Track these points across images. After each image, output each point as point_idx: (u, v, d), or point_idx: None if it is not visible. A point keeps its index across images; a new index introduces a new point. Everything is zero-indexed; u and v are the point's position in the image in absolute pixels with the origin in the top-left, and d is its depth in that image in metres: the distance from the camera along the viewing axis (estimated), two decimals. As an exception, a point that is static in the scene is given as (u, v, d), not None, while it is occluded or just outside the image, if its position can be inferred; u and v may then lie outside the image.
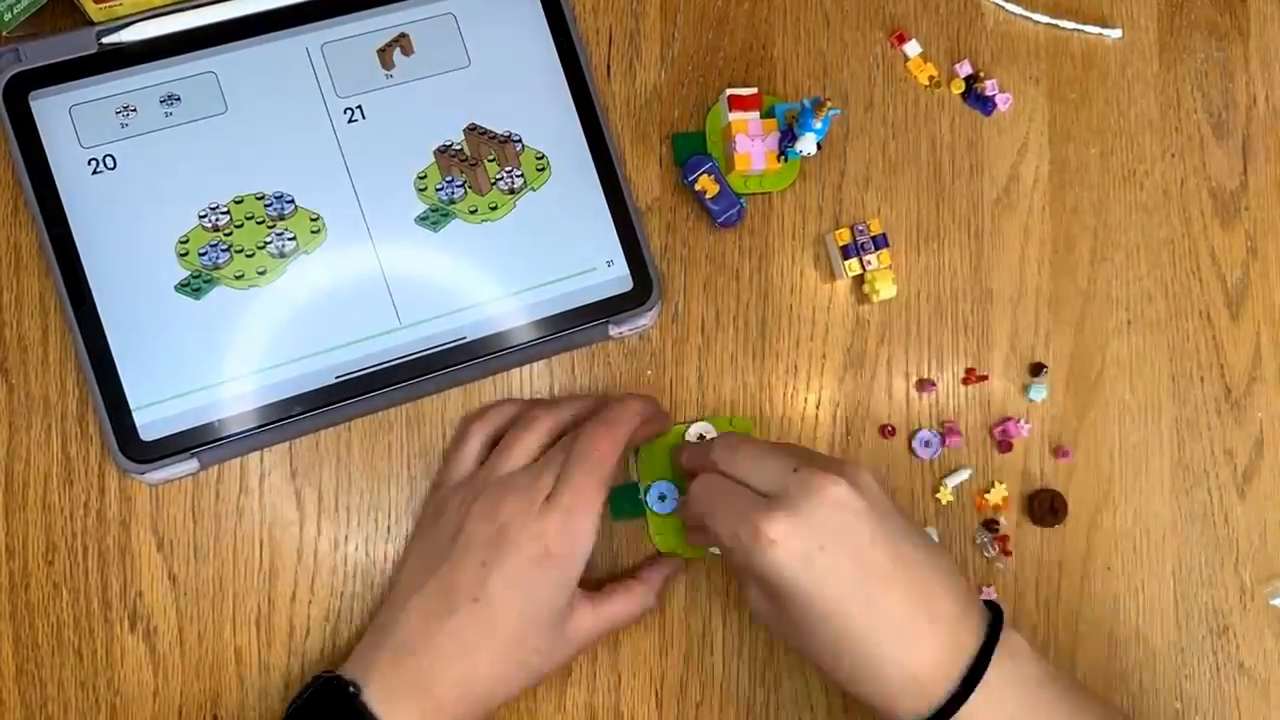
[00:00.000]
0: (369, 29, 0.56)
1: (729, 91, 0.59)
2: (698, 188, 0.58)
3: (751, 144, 0.58)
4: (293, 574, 0.56)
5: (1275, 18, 0.67)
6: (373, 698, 0.48)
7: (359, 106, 0.56)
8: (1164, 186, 0.65)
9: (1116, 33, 0.65)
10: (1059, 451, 0.62)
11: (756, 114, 0.58)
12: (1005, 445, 0.61)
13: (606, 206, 0.58)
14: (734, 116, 0.58)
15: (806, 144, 0.57)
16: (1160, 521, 0.63)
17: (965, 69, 0.63)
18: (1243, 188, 0.66)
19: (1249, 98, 0.67)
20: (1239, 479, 0.65)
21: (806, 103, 0.56)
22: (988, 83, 0.63)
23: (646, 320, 0.58)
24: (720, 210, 0.58)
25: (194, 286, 0.54)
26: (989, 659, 0.45)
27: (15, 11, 0.51)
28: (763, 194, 0.61)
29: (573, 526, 0.49)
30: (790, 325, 0.61)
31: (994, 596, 0.61)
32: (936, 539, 0.60)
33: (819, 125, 0.56)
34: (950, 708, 0.44)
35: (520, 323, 0.56)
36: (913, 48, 0.63)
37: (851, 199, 0.62)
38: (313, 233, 0.54)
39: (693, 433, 0.58)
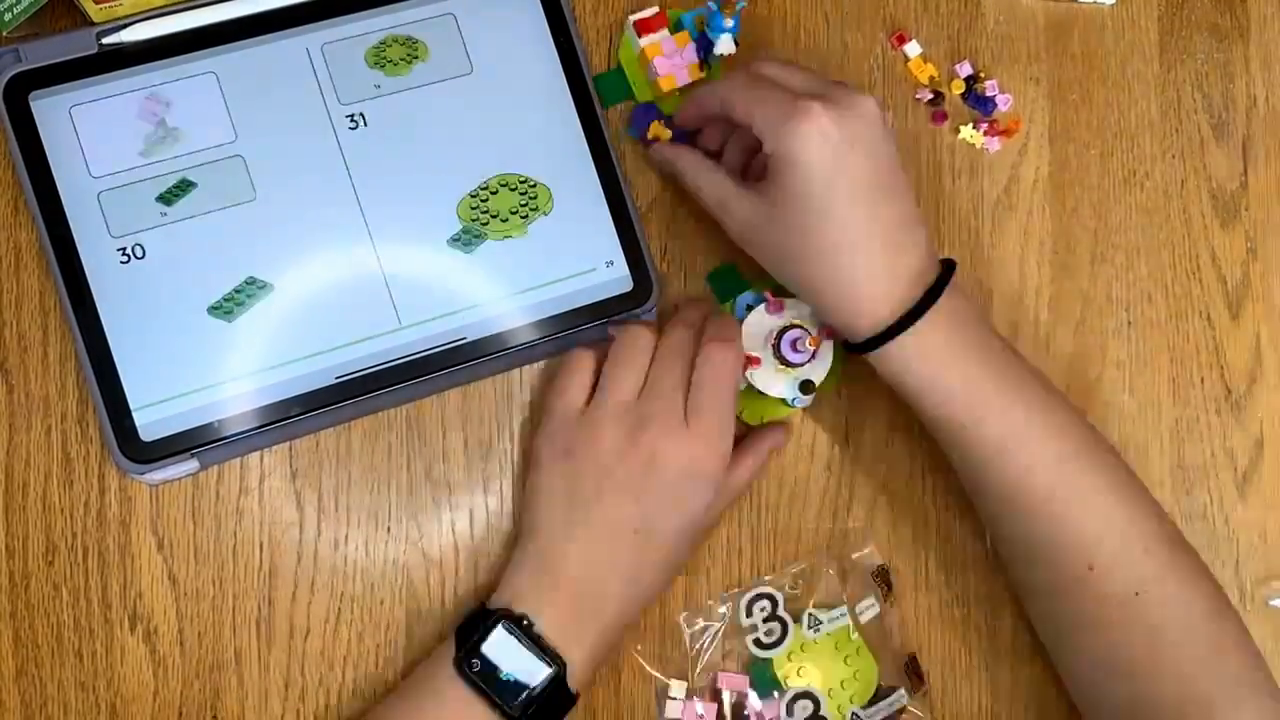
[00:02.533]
0: (369, 29, 0.56)
1: (632, 18, 0.58)
2: (650, 135, 0.58)
3: (671, 62, 0.57)
4: (293, 574, 0.56)
5: (1275, 18, 0.67)
6: (547, 631, 0.50)
7: (360, 113, 0.56)
8: (1164, 187, 0.65)
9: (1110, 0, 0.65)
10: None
11: (666, 31, 0.58)
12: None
13: (606, 207, 0.58)
14: (645, 41, 0.58)
15: (725, 45, 0.56)
16: (1160, 522, 0.63)
17: (965, 69, 0.63)
18: (1243, 188, 0.66)
19: (1249, 98, 0.67)
20: (1239, 479, 0.65)
21: (712, 4, 0.56)
22: (988, 83, 0.63)
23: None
24: None
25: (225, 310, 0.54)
26: (940, 292, 0.50)
27: (15, 12, 0.51)
28: None
29: (719, 447, 0.52)
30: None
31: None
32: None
33: (730, 23, 0.55)
34: (898, 327, 0.50)
35: (520, 323, 0.56)
36: (913, 48, 0.63)
37: (852, 199, 0.62)
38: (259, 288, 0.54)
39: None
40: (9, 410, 0.54)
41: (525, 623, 0.50)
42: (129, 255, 0.53)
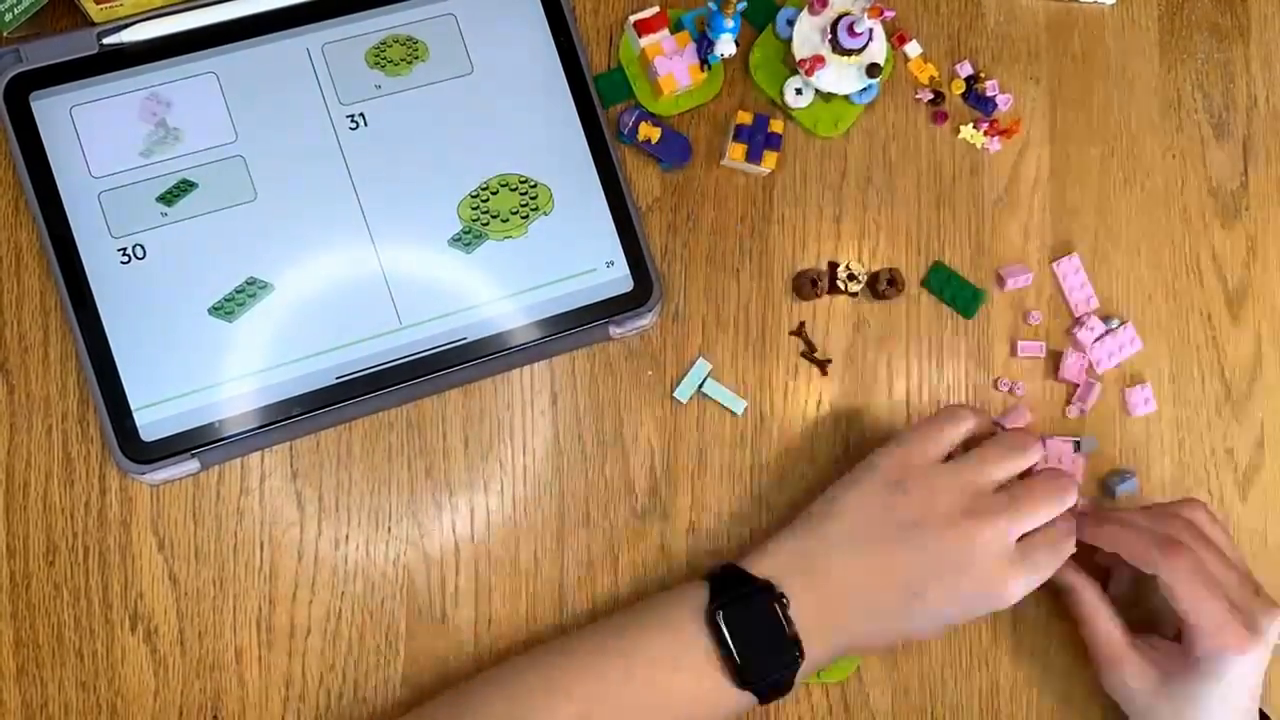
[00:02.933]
0: (369, 29, 0.56)
1: (633, 18, 0.58)
2: (640, 138, 0.58)
3: (671, 63, 0.58)
4: (293, 574, 0.56)
5: (1275, 18, 0.67)
6: (798, 621, 0.51)
7: (360, 113, 0.56)
8: (1164, 187, 0.65)
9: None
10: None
11: (666, 31, 0.58)
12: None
13: (607, 207, 0.58)
14: (645, 41, 0.58)
15: (725, 45, 0.56)
16: (1160, 522, 0.63)
17: (965, 69, 0.63)
18: (1243, 188, 0.66)
19: (1249, 98, 0.67)
20: (1239, 479, 0.65)
21: (712, 4, 0.56)
22: (988, 83, 0.63)
23: (647, 320, 0.58)
24: (667, 154, 0.58)
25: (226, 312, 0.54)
26: None
27: (16, 12, 0.51)
28: (693, 110, 0.60)
29: (1031, 587, 0.52)
30: (790, 325, 0.61)
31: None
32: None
33: (731, 23, 0.56)
34: None
35: (521, 323, 0.56)
36: (913, 48, 0.63)
37: (852, 199, 0.62)
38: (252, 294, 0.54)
39: None
40: (10, 410, 0.54)
41: (785, 603, 0.51)
42: (129, 255, 0.53)
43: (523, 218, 0.57)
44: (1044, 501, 0.53)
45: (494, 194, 0.57)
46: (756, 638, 0.50)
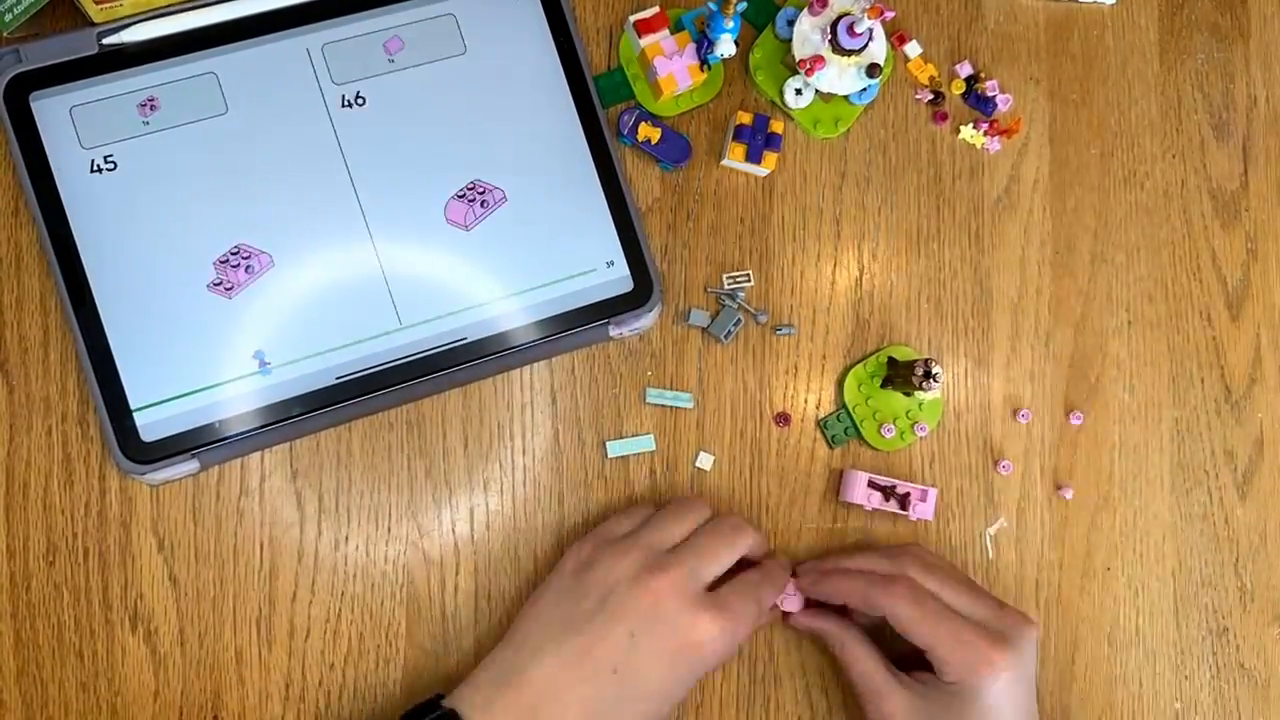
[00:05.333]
0: (370, 29, 0.56)
1: (633, 18, 0.58)
2: (640, 138, 0.58)
3: (671, 63, 0.58)
4: (293, 574, 0.56)
5: (1275, 18, 0.67)
6: None
7: (363, 112, 0.56)
8: (1164, 187, 0.65)
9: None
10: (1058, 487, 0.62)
11: (666, 32, 0.58)
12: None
13: (607, 207, 0.58)
14: (645, 41, 0.58)
15: (725, 46, 0.56)
16: (1160, 522, 0.63)
17: (965, 69, 0.63)
18: (1243, 189, 0.66)
19: (1249, 98, 0.67)
20: (1239, 479, 0.65)
21: (712, 5, 0.56)
22: (988, 83, 0.63)
23: (647, 321, 0.58)
24: (667, 155, 0.58)
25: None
26: None
27: (16, 12, 0.51)
28: (693, 110, 0.60)
29: (731, 634, 0.51)
30: (790, 325, 0.61)
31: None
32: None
33: (731, 24, 0.56)
34: None
35: (521, 323, 0.56)
36: (913, 48, 0.63)
37: (852, 199, 0.62)
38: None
39: None
40: (9, 411, 0.54)
41: None
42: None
43: None
44: (722, 545, 0.53)
45: None
46: None
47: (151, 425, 0.53)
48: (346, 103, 0.56)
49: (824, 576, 0.56)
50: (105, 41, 0.54)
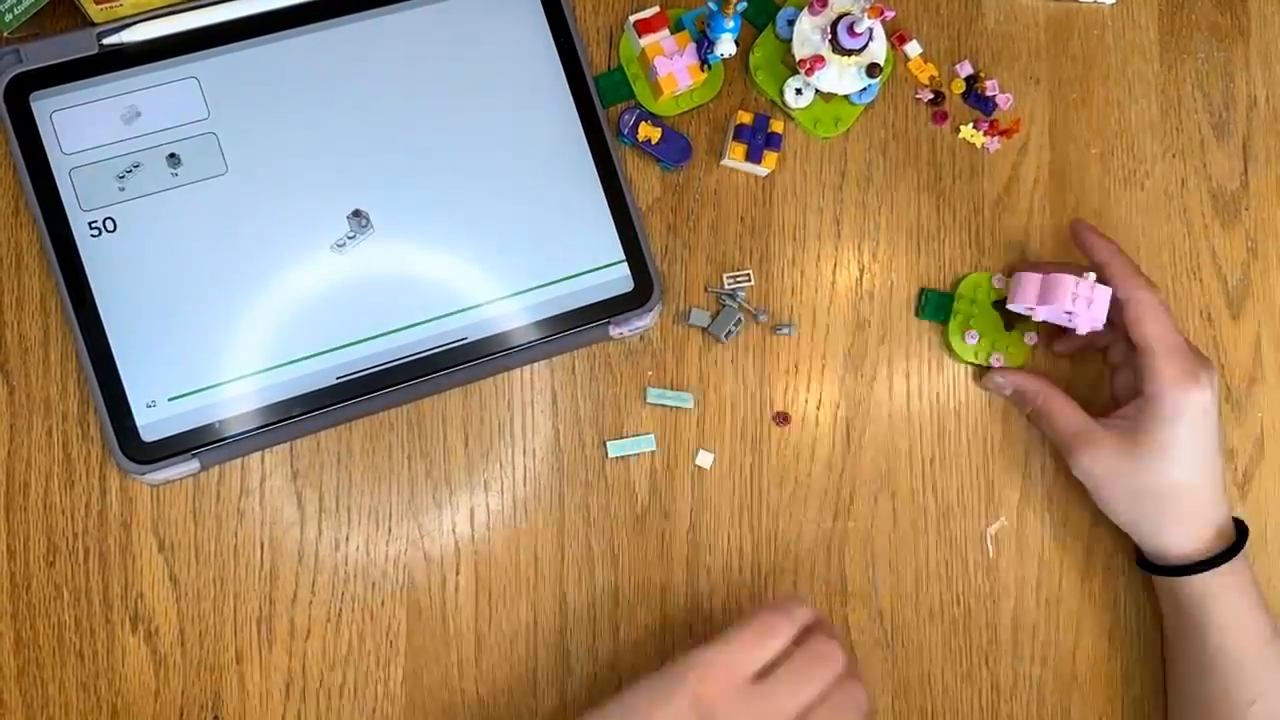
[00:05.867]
0: (370, 29, 0.56)
1: (633, 18, 0.58)
2: (640, 138, 0.58)
3: (671, 63, 0.58)
4: (294, 575, 0.56)
5: (1275, 18, 0.67)
6: None
7: (361, 107, 0.56)
8: (1164, 187, 0.65)
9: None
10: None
11: (666, 32, 0.58)
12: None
13: (607, 207, 0.58)
14: (645, 41, 0.58)
15: (725, 45, 0.56)
16: (1160, 521, 0.63)
17: (965, 69, 0.63)
18: (1243, 188, 0.66)
19: (1249, 98, 0.67)
20: (1239, 479, 0.65)
21: (712, 4, 0.56)
22: (988, 83, 0.63)
23: (647, 320, 0.58)
24: (667, 154, 0.58)
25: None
26: (1246, 540, 0.58)
27: (16, 12, 0.51)
28: (693, 110, 0.60)
29: None
30: (790, 325, 0.61)
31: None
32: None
33: (731, 23, 0.56)
34: (1218, 559, 0.57)
35: (521, 323, 0.56)
36: (913, 48, 0.63)
37: (852, 199, 0.62)
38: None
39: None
40: (10, 411, 0.54)
41: None
42: (100, 229, 0.53)
43: None
44: (818, 677, 0.50)
45: None
46: None
47: (152, 425, 0.53)
48: (348, 102, 0.56)
49: (1091, 232, 0.59)
50: (105, 41, 0.54)
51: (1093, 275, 0.56)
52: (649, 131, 0.58)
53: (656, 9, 0.58)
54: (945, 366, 0.62)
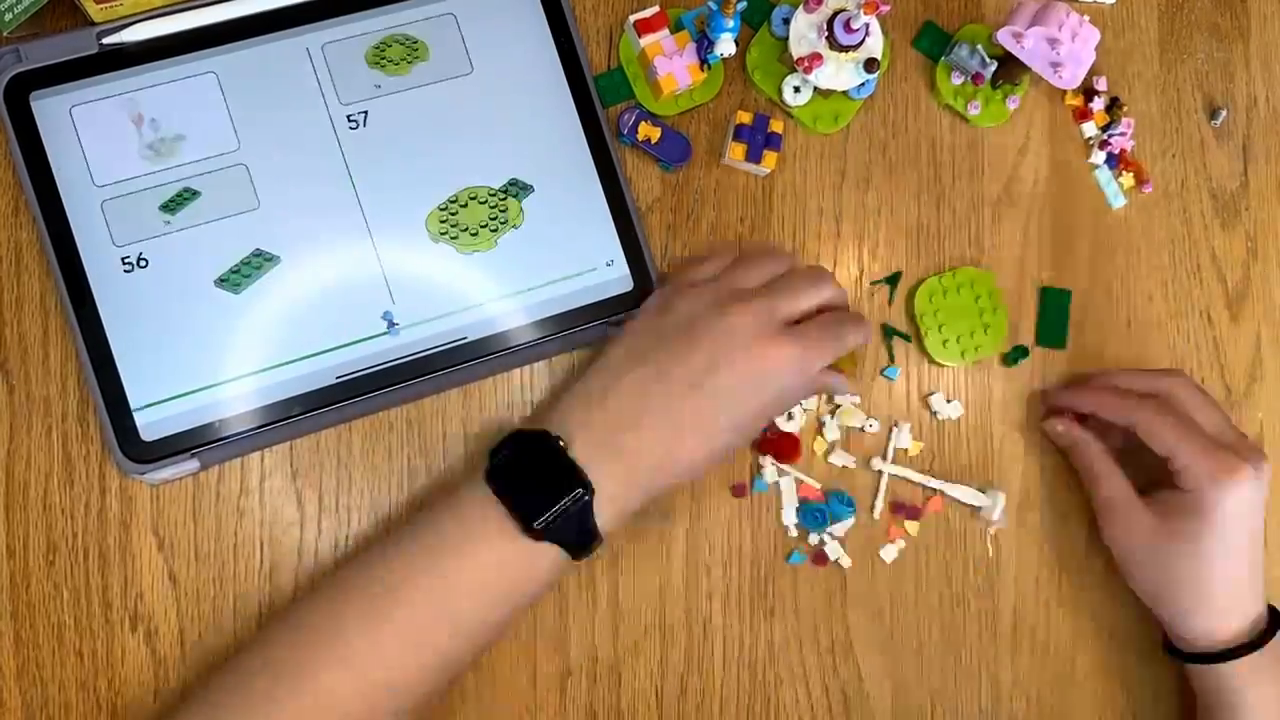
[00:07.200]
0: (370, 29, 0.56)
1: (633, 18, 0.58)
2: (640, 138, 0.58)
3: (671, 63, 0.58)
4: (293, 574, 0.56)
5: (1275, 18, 0.67)
6: (577, 454, 0.50)
7: (363, 112, 0.56)
8: (1164, 187, 0.65)
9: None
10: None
11: (666, 31, 0.58)
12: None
13: (607, 207, 0.58)
14: (645, 41, 0.58)
15: (725, 45, 0.57)
16: (1160, 521, 0.63)
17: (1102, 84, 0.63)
18: (1243, 188, 0.66)
19: (1249, 98, 0.67)
20: (1239, 479, 0.65)
21: (712, 4, 0.56)
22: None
23: (647, 320, 0.58)
24: (667, 154, 0.58)
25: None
26: (1277, 628, 0.57)
27: (16, 12, 0.51)
28: (693, 109, 0.60)
29: (805, 362, 0.52)
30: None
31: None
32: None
33: (730, 23, 0.56)
34: (1249, 647, 0.56)
35: (521, 323, 0.56)
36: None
37: (852, 199, 0.62)
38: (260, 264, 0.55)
39: None
40: (10, 410, 0.54)
41: (560, 443, 0.50)
42: (133, 265, 0.53)
43: (492, 231, 0.57)
44: (804, 286, 0.54)
45: (463, 207, 0.56)
46: (531, 477, 0.50)
47: (151, 425, 0.53)
48: (346, 102, 0.56)
49: (1085, 388, 0.60)
50: (105, 41, 0.54)
51: (1087, 16, 0.56)
52: (649, 131, 0.58)
53: (656, 9, 0.58)
54: (945, 365, 0.62)
